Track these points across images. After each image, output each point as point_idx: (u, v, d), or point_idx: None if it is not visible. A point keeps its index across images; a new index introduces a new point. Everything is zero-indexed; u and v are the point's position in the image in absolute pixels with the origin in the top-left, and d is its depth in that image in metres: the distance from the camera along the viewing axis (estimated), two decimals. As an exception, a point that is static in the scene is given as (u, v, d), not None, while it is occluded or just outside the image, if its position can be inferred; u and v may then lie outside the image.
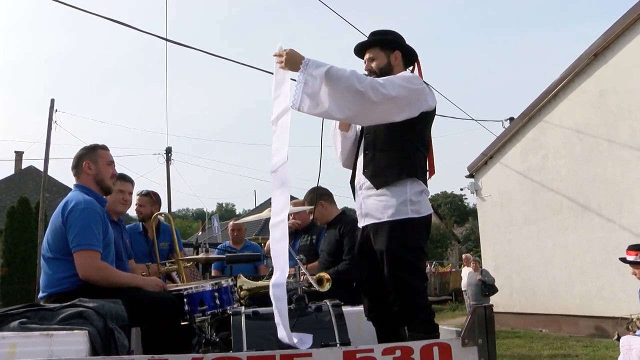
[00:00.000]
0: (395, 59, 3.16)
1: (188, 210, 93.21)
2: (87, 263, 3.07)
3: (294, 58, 2.76)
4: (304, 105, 2.71)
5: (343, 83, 2.70)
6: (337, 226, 4.70)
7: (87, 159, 3.44)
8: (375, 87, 2.76)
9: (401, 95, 2.83)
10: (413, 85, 2.93)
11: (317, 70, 2.69)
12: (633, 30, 10.39)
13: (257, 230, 28.70)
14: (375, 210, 2.99)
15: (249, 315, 3.11)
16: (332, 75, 2.69)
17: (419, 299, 2.95)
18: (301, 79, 2.71)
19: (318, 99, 2.70)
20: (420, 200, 2.96)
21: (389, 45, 3.18)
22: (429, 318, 2.94)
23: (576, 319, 11.34)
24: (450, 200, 58.71)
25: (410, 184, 2.94)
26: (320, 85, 2.68)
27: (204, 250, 4.12)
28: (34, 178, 27.63)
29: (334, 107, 2.71)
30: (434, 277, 25.55)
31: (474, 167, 14.28)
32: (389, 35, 3.22)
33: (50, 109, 19.30)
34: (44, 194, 18.80)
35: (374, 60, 3.16)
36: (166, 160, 25.54)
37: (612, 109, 10.80)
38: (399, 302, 2.93)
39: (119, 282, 3.16)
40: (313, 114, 2.77)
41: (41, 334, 2.48)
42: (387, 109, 2.83)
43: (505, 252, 13.31)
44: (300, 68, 2.72)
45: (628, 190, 10.48)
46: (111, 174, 3.53)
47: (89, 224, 3.13)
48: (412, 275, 2.93)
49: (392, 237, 2.91)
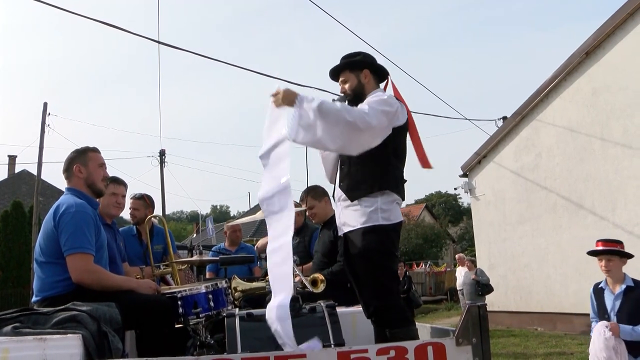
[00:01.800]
0: (365, 78, 3.34)
1: (182, 213, 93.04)
2: (80, 266, 3.06)
3: (290, 95, 2.95)
4: (299, 136, 2.90)
5: (333, 116, 2.90)
6: (332, 227, 4.70)
7: (77, 162, 3.42)
8: (362, 116, 2.95)
9: (381, 122, 3.03)
10: (391, 107, 3.11)
11: (310, 104, 2.88)
12: (623, 29, 10.46)
13: (252, 232, 28.66)
14: (351, 219, 3.17)
15: (243, 317, 3.12)
16: (323, 109, 2.87)
17: (392, 299, 3.08)
18: (296, 113, 2.90)
19: (312, 130, 2.89)
20: (391, 209, 3.13)
21: (357, 66, 3.36)
22: (403, 315, 3.08)
23: (571, 316, 11.38)
24: (444, 199, 58.78)
25: (381, 196, 3.12)
26: (313, 118, 2.87)
27: (197, 253, 4.11)
28: (27, 182, 27.54)
29: (326, 137, 2.91)
30: (429, 276, 25.62)
31: (468, 166, 14.32)
32: (356, 57, 3.41)
33: (43, 112, 19.21)
34: (37, 197, 18.73)
35: (346, 82, 3.36)
36: (160, 163, 25.43)
37: (604, 107, 10.86)
38: (373, 302, 3.07)
39: (112, 285, 3.15)
40: (306, 144, 3.02)
41: (34, 338, 2.46)
42: (371, 135, 3.02)
43: (500, 251, 13.35)
44: (295, 103, 2.91)
45: (621, 188, 10.53)
46: (102, 177, 3.51)
47: (81, 227, 3.12)
48: (384, 276, 3.08)
49: (364, 241, 3.07)
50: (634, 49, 10.31)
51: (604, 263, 4.49)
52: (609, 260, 4.45)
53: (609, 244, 4.54)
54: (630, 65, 10.35)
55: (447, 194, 57.66)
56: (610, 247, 4.51)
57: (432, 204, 53.16)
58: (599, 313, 4.52)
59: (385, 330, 3.07)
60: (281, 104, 2.99)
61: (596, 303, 4.57)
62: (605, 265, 4.47)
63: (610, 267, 4.45)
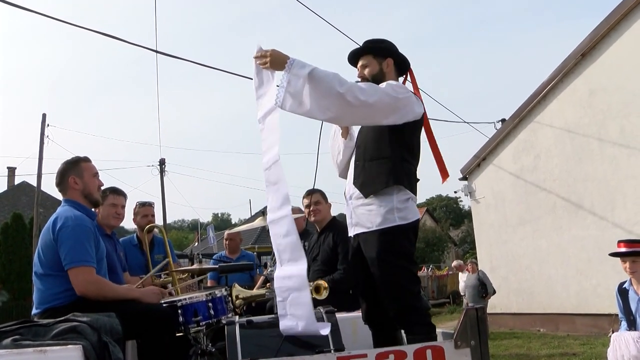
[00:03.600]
0: (387, 67, 3.23)
1: (184, 222, 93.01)
2: (83, 279, 3.05)
3: (279, 58, 2.81)
4: (286, 104, 2.77)
5: (324, 84, 2.73)
6: (331, 233, 4.70)
7: (72, 174, 3.39)
8: (354, 91, 2.79)
9: (382, 102, 2.88)
10: (397, 93, 2.97)
11: (301, 70, 2.73)
12: (617, 30, 10.51)
13: (253, 240, 28.65)
14: (364, 220, 3.07)
15: (243, 324, 3.13)
16: (314, 76, 2.72)
17: (414, 302, 2.99)
18: (285, 78, 2.76)
19: (300, 99, 2.74)
20: (407, 207, 3.02)
21: (381, 53, 3.24)
22: (425, 320, 2.99)
23: (573, 317, 11.38)
24: (445, 203, 58.82)
25: (397, 192, 3.00)
26: (303, 85, 2.72)
27: (197, 261, 4.12)
28: (27, 194, 27.56)
29: (315, 107, 2.75)
30: (431, 280, 25.53)
31: (467, 169, 14.32)
32: (382, 44, 3.28)
33: (42, 123, 19.27)
34: (37, 209, 18.75)
35: (366, 68, 3.23)
36: (160, 172, 25.45)
37: (601, 107, 10.89)
38: (394, 306, 2.97)
39: (116, 296, 3.14)
40: (295, 113, 2.81)
41: (35, 350, 2.46)
42: (367, 113, 2.88)
43: (501, 253, 13.34)
44: (285, 67, 2.77)
45: (619, 188, 10.55)
46: (98, 186, 3.50)
47: (80, 241, 3.11)
48: (405, 279, 2.98)
49: (382, 244, 2.97)
50: (628, 50, 10.34)
51: (628, 265, 4.42)
52: (634, 261, 4.40)
53: (632, 245, 4.48)
54: (625, 66, 10.38)
55: (447, 198, 57.68)
56: (635, 249, 4.44)
57: (433, 208, 53.20)
58: (625, 314, 4.47)
59: (399, 335, 3.05)
60: (270, 67, 2.87)
61: (622, 304, 4.51)
62: (630, 267, 4.41)
63: (635, 269, 4.40)
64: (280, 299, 2.91)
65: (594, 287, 10.96)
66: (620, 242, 4.53)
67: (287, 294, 2.84)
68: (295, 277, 2.80)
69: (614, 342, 4.28)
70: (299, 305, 2.80)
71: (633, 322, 4.32)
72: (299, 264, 2.79)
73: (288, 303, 2.85)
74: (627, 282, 4.52)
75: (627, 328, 4.39)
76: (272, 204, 2.92)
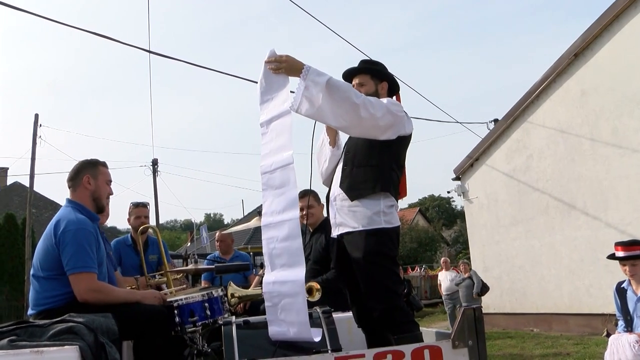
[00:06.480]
0: (382, 89, 3.40)
1: (176, 222, 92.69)
2: (85, 286, 3.02)
3: (295, 64, 2.89)
4: (302, 108, 2.85)
5: (341, 94, 2.87)
6: (324, 233, 4.71)
7: (88, 172, 3.36)
8: (367, 104, 2.93)
9: (385, 117, 3.02)
10: (396, 111, 3.12)
11: (319, 77, 2.83)
12: (610, 31, 10.57)
13: (246, 240, 28.58)
14: (350, 220, 3.16)
15: (239, 324, 3.12)
16: (332, 85, 2.84)
17: (398, 302, 3.07)
18: (302, 84, 2.84)
19: (317, 104, 2.83)
20: (392, 212, 3.15)
21: (378, 75, 3.41)
22: (408, 318, 3.07)
23: (566, 317, 11.43)
24: (437, 203, 58.91)
25: (384, 198, 3.13)
26: (319, 91, 2.82)
27: (192, 262, 4.10)
28: (19, 194, 27.40)
29: (330, 114, 2.87)
30: (424, 280, 25.59)
31: (460, 169, 14.36)
32: (378, 66, 3.47)
33: (34, 124, 19.16)
34: (30, 209, 18.63)
35: (362, 86, 3.34)
36: (153, 172, 25.37)
37: (593, 108, 10.95)
38: (379, 306, 3.04)
39: (118, 300, 3.11)
40: (310, 117, 2.92)
41: (31, 351, 2.44)
42: (372, 126, 3.01)
43: (494, 253, 13.39)
44: (302, 73, 2.85)
45: (612, 188, 10.61)
46: (107, 194, 3.46)
47: (83, 246, 3.07)
48: (390, 280, 3.06)
49: (367, 244, 3.05)
50: (620, 51, 10.41)
51: (628, 268, 4.44)
52: (633, 264, 4.42)
53: (630, 248, 4.48)
54: (617, 67, 10.45)
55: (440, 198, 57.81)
56: (632, 252, 4.45)
57: (425, 208, 53.31)
58: (622, 313, 4.50)
59: (389, 335, 3.05)
60: (284, 73, 2.94)
61: (620, 303, 4.53)
62: (630, 270, 4.44)
63: (635, 272, 4.43)
64: (269, 304, 2.90)
65: (586, 287, 11.02)
66: (618, 245, 4.54)
67: (278, 299, 2.84)
68: (290, 283, 2.79)
69: (611, 345, 4.30)
70: (292, 311, 2.80)
71: (630, 321, 4.34)
72: (297, 269, 2.78)
73: (280, 308, 2.85)
74: (625, 282, 4.54)
75: (625, 328, 4.41)
76: (272, 207, 2.93)
